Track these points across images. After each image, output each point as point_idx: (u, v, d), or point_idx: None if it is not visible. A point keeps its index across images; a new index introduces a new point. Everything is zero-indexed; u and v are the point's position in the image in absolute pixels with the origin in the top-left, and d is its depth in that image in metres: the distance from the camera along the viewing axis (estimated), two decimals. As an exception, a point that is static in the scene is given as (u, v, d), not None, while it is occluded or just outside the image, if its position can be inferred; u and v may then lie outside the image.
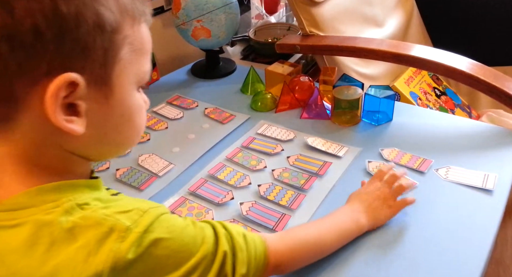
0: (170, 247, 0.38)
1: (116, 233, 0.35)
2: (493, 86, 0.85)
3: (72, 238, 0.35)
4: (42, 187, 0.37)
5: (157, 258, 0.37)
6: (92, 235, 0.35)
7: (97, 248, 0.34)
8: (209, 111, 0.95)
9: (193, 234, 0.41)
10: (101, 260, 0.34)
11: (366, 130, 0.86)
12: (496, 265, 1.20)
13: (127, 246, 0.35)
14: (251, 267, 0.45)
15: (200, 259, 0.40)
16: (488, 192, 0.68)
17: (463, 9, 1.45)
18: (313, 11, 1.09)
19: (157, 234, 0.37)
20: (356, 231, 0.59)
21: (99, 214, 0.36)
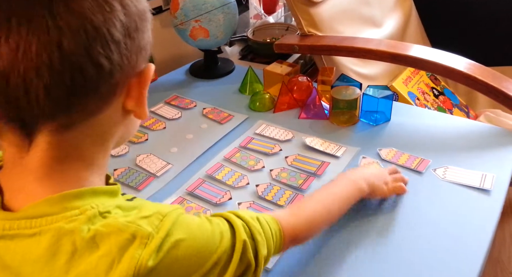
0: (191, 247, 0.38)
1: (139, 240, 0.35)
2: (491, 86, 0.85)
3: (95, 247, 0.34)
4: (64, 194, 0.36)
5: (178, 259, 0.37)
6: (114, 243, 0.34)
7: (120, 256, 0.34)
8: (207, 111, 0.95)
9: (210, 231, 0.41)
10: (124, 268, 0.34)
11: (364, 130, 0.86)
12: (494, 264, 1.21)
13: (150, 251, 0.35)
14: (270, 247, 0.46)
15: (221, 254, 0.40)
16: (486, 192, 0.68)
17: (461, 10, 1.45)
18: (311, 11, 1.09)
19: (177, 236, 0.37)
20: (357, 195, 0.62)
21: (121, 221, 0.36)
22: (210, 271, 0.39)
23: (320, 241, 0.62)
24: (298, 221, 0.53)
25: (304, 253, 0.60)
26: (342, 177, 0.65)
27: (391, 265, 0.58)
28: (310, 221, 0.54)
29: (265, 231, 0.46)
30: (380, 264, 0.58)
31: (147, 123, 0.92)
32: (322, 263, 0.59)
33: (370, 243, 0.61)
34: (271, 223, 0.48)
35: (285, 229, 0.49)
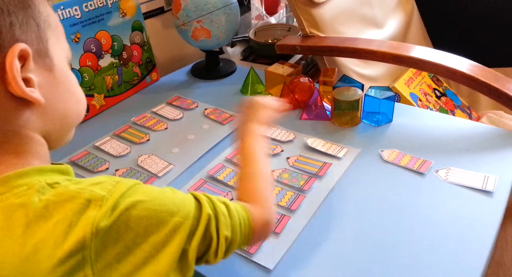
0: (149, 208, 0.38)
1: (93, 203, 0.35)
2: (493, 88, 0.85)
3: (48, 215, 0.35)
4: (8, 176, 0.37)
5: (136, 218, 0.37)
6: (69, 209, 0.35)
7: (76, 219, 0.35)
8: (209, 112, 0.95)
9: (172, 197, 0.41)
10: (81, 229, 0.34)
11: (366, 131, 0.86)
12: (496, 266, 1.20)
13: (105, 211, 0.35)
14: (236, 232, 0.46)
15: (182, 218, 0.40)
16: (488, 194, 0.68)
17: (463, 10, 1.45)
18: (313, 12, 1.09)
19: (134, 198, 0.37)
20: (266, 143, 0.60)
21: (72, 189, 0.36)
22: (173, 235, 0.39)
23: (322, 242, 0.62)
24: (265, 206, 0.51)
25: (305, 254, 0.60)
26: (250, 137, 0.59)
27: (392, 266, 0.58)
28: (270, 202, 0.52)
29: (231, 215, 0.46)
30: (381, 265, 0.58)
31: (149, 124, 0.92)
32: (323, 264, 0.58)
33: (371, 244, 0.61)
34: (239, 209, 0.47)
35: (255, 216, 0.48)
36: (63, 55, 0.43)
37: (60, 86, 0.42)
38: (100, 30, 0.94)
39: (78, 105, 0.45)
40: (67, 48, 0.44)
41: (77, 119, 0.46)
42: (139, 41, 1.03)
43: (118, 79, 1.01)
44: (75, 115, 0.45)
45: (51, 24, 0.41)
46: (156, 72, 1.10)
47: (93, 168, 0.79)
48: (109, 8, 0.95)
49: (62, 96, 0.42)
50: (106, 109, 0.99)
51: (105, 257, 0.35)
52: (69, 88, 0.43)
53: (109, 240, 0.35)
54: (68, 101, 0.43)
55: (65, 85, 0.43)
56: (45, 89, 0.40)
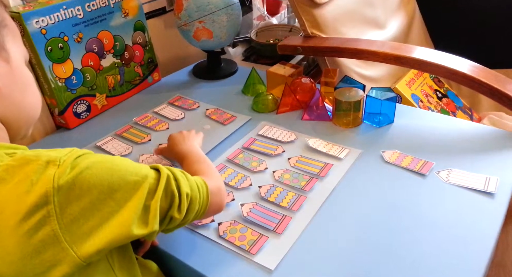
0: (110, 168, 0.41)
1: (51, 163, 0.38)
2: (494, 89, 0.85)
3: (8, 178, 0.37)
4: None
5: (98, 176, 0.39)
6: (29, 169, 0.37)
7: (37, 178, 0.37)
8: (210, 112, 0.95)
9: (129, 162, 0.44)
10: (43, 184, 0.36)
11: (367, 132, 0.86)
12: (497, 268, 1.20)
13: (63, 168, 0.38)
14: (195, 190, 0.51)
15: (142, 178, 0.43)
16: (490, 195, 0.68)
17: (465, 12, 1.45)
18: (315, 13, 1.09)
19: (92, 159, 0.40)
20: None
21: (30, 153, 0.39)
22: (134, 192, 0.42)
23: (323, 243, 0.62)
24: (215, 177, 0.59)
25: (306, 255, 0.60)
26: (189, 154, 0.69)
27: (394, 268, 0.58)
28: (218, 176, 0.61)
29: (188, 178, 0.51)
30: (382, 266, 0.58)
31: (150, 124, 0.92)
32: (324, 264, 0.58)
33: (372, 245, 0.61)
34: (195, 177, 0.53)
35: (209, 182, 0.54)
36: (20, 53, 0.47)
37: (17, 78, 0.46)
38: (102, 30, 0.94)
39: (34, 99, 0.49)
40: (24, 50, 0.49)
41: (34, 114, 0.49)
42: (141, 41, 1.04)
43: (120, 79, 1.01)
44: (32, 108, 0.48)
45: (8, 25, 0.46)
46: (157, 72, 1.10)
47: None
48: (111, 8, 0.95)
49: (19, 87, 0.46)
50: (108, 109, 1.00)
51: (70, 212, 0.37)
52: (25, 82, 0.47)
53: (73, 196, 0.38)
54: (25, 93, 0.47)
55: (22, 78, 0.47)
56: (3, 78, 0.44)
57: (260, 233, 0.64)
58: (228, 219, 0.67)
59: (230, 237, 0.63)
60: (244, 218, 0.66)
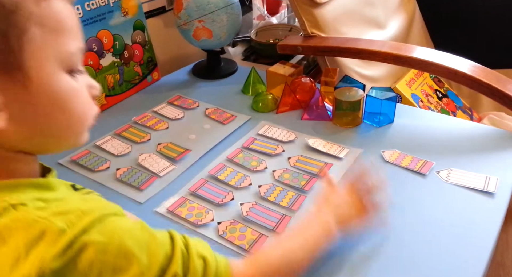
0: (106, 251, 0.34)
1: (48, 237, 0.32)
2: (495, 89, 0.85)
3: (2, 241, 0.33)
4: None
5: (89, 262, 0.33)
6: (22, 238, 0.32)
7: (26, 252, 0.32)
8: (210, 111, 0.95)
9: (138, 239, 0.37)
10: (28, 266, 0.31)
11: (367, 132, 0.86)
12: (497, 267, 1.20)
13: (56, 250, 0.32)
14: None
15: (142, 269, 0.36)
16: (490, 195, 0.68)
17: (465, 11, 1.45)
18: (315, 12, 1.08)
19: (92, 236, 0.34)
20: (326, 242, 0.54)
21: (31, 216, 0.33)
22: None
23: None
24: (254, 273, 0.47)
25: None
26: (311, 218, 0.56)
27: (393, 267, 0.58)
28: (267, 274, 0.48)
29: (207, 274, 0.41)
30: (382, 266, 0.58)
31: (150, 123, 0.92)
32: (323, 263, 0.58)
33: (371, 244, 0.61)
34: (220, 268, 0.43)
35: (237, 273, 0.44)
36: (55, 62, 0.36)
37: (41, 102, 0.36)
38: (101, 29, 0.94)
39: (72, 121, 0.39)
40: (67, 50, 0.37)
41: (73, 136, 0.40)
42: (141, 40, 1.03)
43: (119, 79, 1.01)
44: (67, 132, 0.40)
45: (46, 25, 0.35)
46: (157, 72, 1.10)
47: (94, 167, 0.79)
48: (111, 7, 0.95)
49: (44, 113, 0.37)
50: (107, 109, 0.99)
51: None
52: (54, 103, 0.37)
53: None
54: (54, 118, 0.38)
55: (48, 100, 0.36)
56: (19, 107, 0.35)
57: (259, 232, 0.64)
58: (227, 219, 0.67)
59: (229, 237, 0.63)
60: (244, 217, 0.66)
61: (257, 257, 0.50)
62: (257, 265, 0.48)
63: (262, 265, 0.48)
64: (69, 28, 0.38)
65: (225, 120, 0.92)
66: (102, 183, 0.75)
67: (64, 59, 0.37)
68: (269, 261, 0.49)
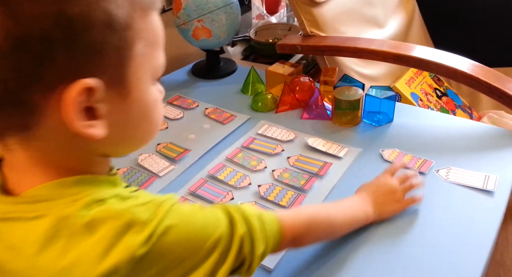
0: (182, 233, 0.38)
1: (133, 227, 0.35)
2: (494, 87, 0.85)
3: (91, 232, 0.35)
4: (62, 180, 0.37)
5: (169, 245, 0.37)
6: (110, 229, 0.35)
7: (115, 241, 0.34)
8: (210, 111, 0.95)
9: (203, 219, 0.41)
10: (118, 253, 0.34)
11: (367, 131, 0.86)
12: (497, 266, 1.20)
13: (143, 238, 0.35)
14: (268, 245, 0.46)
15: (215, 241, 0.40)
16: (489, 193, 0.68)
17: (465, 10, 1.45)
18: (314, 12, 1.08)
19: (168, 222, 0.37)
20: (363, 219, 0.61)
21: (117, 208, 0.36)
22: (205, 259, 0.39)
23: (323, 242, 0.61)
24: (299, 222, 0.52)
25: (306, 253, 0.60)
26: (352, 197, 0.64)
27: (392, 265, 0.58)
28: (309, 225, 0.53)
29: (263, 229, 0.45)
30: (381, 264, 0.58)
31: (149, 123, 0.92)
32: (324, 263, 0.58)
33: (371, 243, 0.61)
34: (272, 221, 0.48)
35: (285, 228, 0.49)
36: (149, 74, 0.39)
37: (133, 112, 0.39)
38: (101, 30, 0.94)
39: (151, 128, 0.42)
40: (158, 63, 0.40)
41: (148, 141, 0.44)
42: (140, 40, 1.03)
43: (119, 79, 1.01)
44: (145, 138, 0.43)
45: (147, 39, 0.38)
46: (156, 72, 1.10)
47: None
48: (110, 7, 0.94)
49: (133, 122, 0.40)
50: (107, 109, 0.99)
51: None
52: (143, 113, 0.40)
53: (141, 267, 0.35)
54: (139, 127, 0.41)
55: (139, 110, 0.39)
56: (115, 116, 0.37)
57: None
58: (227, 218, 0.67)
59: (229, 236, 0.63)
60: (243, 217, 0.66)
61: (299, 210, 0.57)
62: (299, 216, 0.53)
63: (303, 217, 0.53)
64: (161, 40, 0.41)
65: (225, 120, 0.92)
66: (102, 183, 0.75)
67: (155, 71, 0.40)
68: (309, 215, 0.54)
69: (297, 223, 0.51)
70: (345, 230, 0.60)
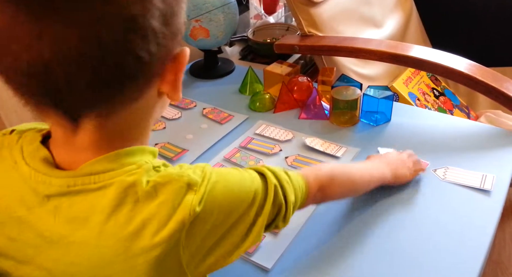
0: (226, 187, 0.41)
1: (192, 187, 0.39)
2: (491, 87, 0.85)
3: (154, 195, 0.38)
4: (118, 152, 0.39)
5: (218, 199, 0.40)
6: (172, 191, 0.38)
7: (178, 202, 0.37)
8: (207, 111, 0.95)
9: (240, 176, 0.45)
10: (182, 211, 0.37)
11: (365, 130, 0.86)
12: (494, 265, 1.20)
13: (199, 197, 0.38)
14: (298, 196, 0.50)
15: (254, 194, 0.43)
16: (486, 193, 0.68)
17: (462, 10, 1.45)
18: (311, 12, 1.09)
19: (212, 180, 0.41)
20: (379, 177, 0.65)
21: (173, 172, 0.39)
22: (247, 211, 0.43)
23: (320, 240, 0.62)
24: (321, 175, 0.55)
25: (305, 252, 0.60)
26: (369, 160, 0.69)
27: (390, 265, 0.58)
28: (331, 176, 0.56)
29: (292, 181, 0.49)
30: (378, 264, 0.58)
31: (147, 123, 0.92)
32: (323, 262, 0.58)
33: (369, 243, 0.61)
34: (297, 176, 0.51)
35: (310, 181, 0.53)
36: None
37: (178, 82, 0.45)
38: (98, 30, 0.94)
39: None
40: None
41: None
42: (138, 40, 1.03)
43: (117, 79, 1.01)
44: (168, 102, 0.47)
45: None
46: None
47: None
48: (108, 7, 0.94)
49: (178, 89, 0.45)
50: (105, 109, 0.99)
51: (194, 239, 0.39)
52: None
53: (198, 222, 0.38)
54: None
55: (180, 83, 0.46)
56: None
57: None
58: (225, 218, 0.67)
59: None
60: (241, 217, 0.66)
61: (319, 167, 0.59)
62: (319, 172, 0.56)
63: (324, 169, 0.57)
64: None
65: (223, 120, 0.92)
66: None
67: None
68: (328, 167, 0.59)
69: (320, 175, 0.55)
70: (364, 185, 0.63)
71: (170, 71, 0.40)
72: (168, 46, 0.38)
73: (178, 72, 0.41)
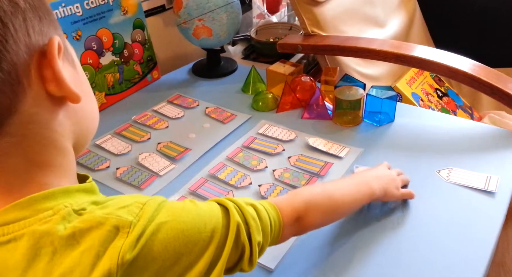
0: (175, 229, 0.36)
1: (121, 230, 0.34)
2: (495, 88, 0.84)
3: (75, 243, 0.33)
4: (33, 197, 0.34)
5: (163, 243, 0.35)
6: (96, 236, 0.33)
7: (104, 248, 0.33)
8: (210, 110, 0.95)
9: (195, 211, 0.39)
10: (108, 259, 0.32)
11: (368, 131, 0.86)
12: (498, 267, 1.20)
13: (131, 240, 0.33)
14: (267, 233, 0.45)
15: (211, 231, 0.38)
16: (490, 194, 0.68)
17: (466, 10, 1.44)
18: (315, 11, 1.08)
19: (158, 220, 0.36)
20: (368, 196, 0.59)
21: (99, 214, 0.34)
22: (202, 253, 0.37)
23: (323, 242, 0.61)
24: (297, 203, 0.50)
25: (307, 253, 0.60)
26: (355, 175, 0.66)
27: (393, 266, 0.57)
28: (308, 203, 0.51)
29: (261, 217, 0.44)
30: (382, 265, 0.58)
31: (150, 122, 0.92)
32: (325, 263, 0.58)
33: (372, 244, 0.61)
34: (268, 208, 0.46)
35: (284, 212, 0.47)
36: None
37: (83, 83, 0.39)
38: (101, 28, 0.94)
39: (95, 105, 0.42)
40: None
41: (97, 120, 0.42)
42: (140, 39, 1.03)
43: (119, 78, 1.01)
44: (96, 115, 0.42)
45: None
46: (157, 71, 1.10)
47: (94, 166, 0.79)
48: (110, 5, 0.94)
49: (86, 94, 0.39)
50: (107, 108, 0.99)
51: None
52: (87, 85, 0.41)
53: (136, 270, 0.34)
54: (90, 100, 0.41)
55: (85, 82, 0.40)
56: (74, 86, 0.36)
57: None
58: (227, 218, 0.66)
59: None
60: (244, 217, 0.66)
61: (295, 193, 0.53)
62: (296, 195, 0.52)
63: (300, 196, 0.52)
64: None
65: (225, 119, 0.91)
66: (102, 182, 0.75)
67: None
68: (306, 193, 0.53)
69: (295, 204, 0.50)
70: (349, 204, 0.57)
71: (44, 66, 0.34)
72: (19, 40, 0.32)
73: (53, 65, 0.34)
